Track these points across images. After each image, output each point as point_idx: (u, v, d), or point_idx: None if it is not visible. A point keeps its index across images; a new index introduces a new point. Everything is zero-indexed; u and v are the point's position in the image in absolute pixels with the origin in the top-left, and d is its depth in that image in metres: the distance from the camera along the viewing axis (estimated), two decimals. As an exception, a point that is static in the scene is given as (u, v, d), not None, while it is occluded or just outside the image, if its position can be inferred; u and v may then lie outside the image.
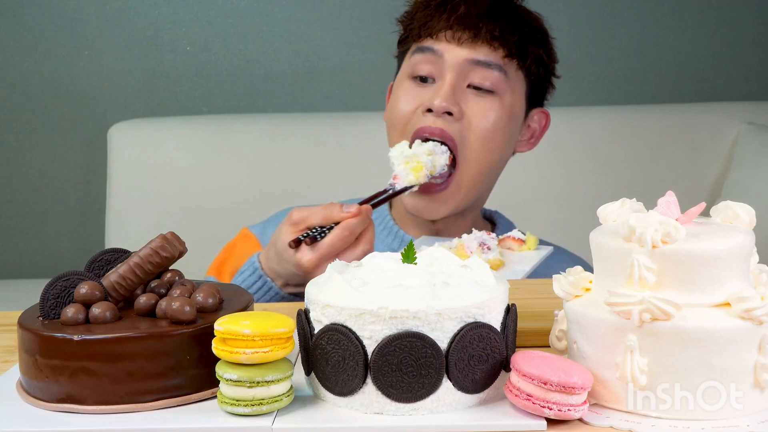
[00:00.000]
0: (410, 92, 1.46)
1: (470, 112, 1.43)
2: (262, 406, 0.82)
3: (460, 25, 1.43)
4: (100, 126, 2.53)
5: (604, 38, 2.60)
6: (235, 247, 1.55)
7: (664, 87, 2.61)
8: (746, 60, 2.62)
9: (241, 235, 1.58)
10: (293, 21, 2.59)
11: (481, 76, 1.43)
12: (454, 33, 1.43)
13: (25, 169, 2.65)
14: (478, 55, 1.43)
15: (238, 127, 2.41)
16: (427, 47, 1.45)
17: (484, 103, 1.44)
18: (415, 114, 1.45)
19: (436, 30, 1.44)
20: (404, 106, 1.46)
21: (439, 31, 1.44)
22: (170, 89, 2.61)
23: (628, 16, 2.60)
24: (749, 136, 2.30)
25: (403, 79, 1.49)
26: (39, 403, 0.87)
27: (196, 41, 2.60)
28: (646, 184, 2.31)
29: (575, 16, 2.59)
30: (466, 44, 1.43)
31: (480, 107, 1.43)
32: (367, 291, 0.84)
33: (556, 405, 0.80)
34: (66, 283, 0.90)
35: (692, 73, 2.62)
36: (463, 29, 1.43)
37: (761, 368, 0.81)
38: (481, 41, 1.43)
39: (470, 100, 1.44)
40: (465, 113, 1.43)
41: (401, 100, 1.47)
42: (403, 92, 1.48)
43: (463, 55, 1.43)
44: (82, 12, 2.58)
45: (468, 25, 1.43)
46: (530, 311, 1.00)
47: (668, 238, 0.82)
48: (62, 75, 2.60)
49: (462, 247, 1.29)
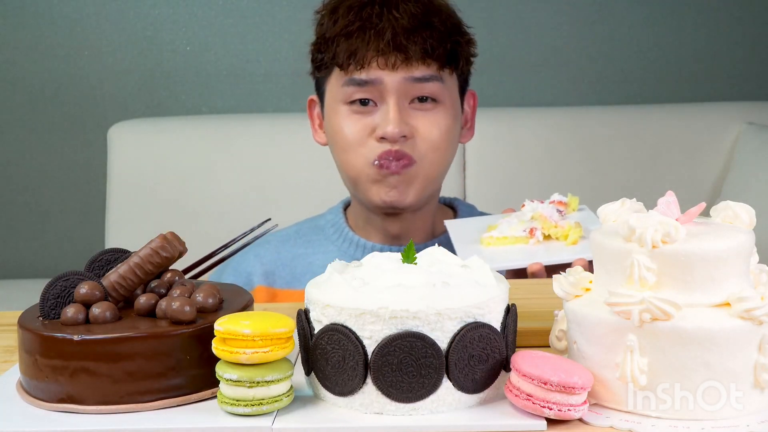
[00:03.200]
0: (352, 118, 1.45)
1: (420, 127, 1.45)
2: (262, 406, 0.82)
3: (389, 49, 1.42)
4: (100, 126, 2.53)
5: (604, 38, 2.60)
6: None
7: (664, 87, 2.61)
8: (746, 60, 2.62)
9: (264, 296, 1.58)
10: (293, 21, 2.59)
11: (421, 90, 1.45)
12: (387, 60, 1.42)
13: (25, 169, 2.65)
14: (414, 73, 1.43)
15: (238, 127, 2.41)
16: (360, 80, 1.43)
17: (430, 116, 1.46)
18: (368, 140, 1.45)
19: (366, 60, 1.42)
20: (351, 134, 1.45)
21: (370, 61, 1.42)
22: (170, 89, 2.61)
23: (627, 16, 2.60)
24: (749, 136, 2.30)
25: (337, 105, 1.47)
26: (39, 403, 0.87)
27: (196, 41, 2.60)
28: (646, 184, 2.31)
29: (575, 16, 2.59)
30: (400, 67, 1.43)
31: (427, 121, 1.45)
32: (367, 291, 0.84)
33: (556, 405, 0.80)
34: (66, 283, 0.90)
35: (692, 73, 2.62)
36: (394, 53, 1.42)
37: (761, 368, 0.81)
38: (414, 60, 1.43)
39: (417, 117, 1.45)
40: (415, 128, 1.44)
41: (345, 128, 1.46)
42: (343, 118, 1.46)
43: (399, 77, 1.43)
44: (82, 12, 2.59)
45: (398, 47, 1.42)
46: (530, 311, 1.00)
47: (668, 238, 0.82)
48: (62, 75, 2.60)
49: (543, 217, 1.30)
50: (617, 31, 2.60)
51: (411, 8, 1.44)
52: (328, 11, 1.49)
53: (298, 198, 2.30)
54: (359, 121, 1.45)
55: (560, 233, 1.30)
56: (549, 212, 1.31)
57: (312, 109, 1.59)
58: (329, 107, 1.50)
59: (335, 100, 1.48)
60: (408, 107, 1.45)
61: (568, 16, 2.59)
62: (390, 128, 1.42)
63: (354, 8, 1.45)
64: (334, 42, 1.46)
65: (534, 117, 2.43)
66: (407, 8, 1.44)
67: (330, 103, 1.50)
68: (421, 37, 1.43)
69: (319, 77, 1.53)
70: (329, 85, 1.50)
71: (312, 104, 1.59)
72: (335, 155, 1.51)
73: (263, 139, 2.37)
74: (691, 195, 2.18)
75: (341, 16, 1.46)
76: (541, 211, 1.31)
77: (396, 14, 1.43)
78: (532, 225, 1.32)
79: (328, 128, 1.51)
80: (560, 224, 1.30)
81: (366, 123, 1.45)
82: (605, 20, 2.60)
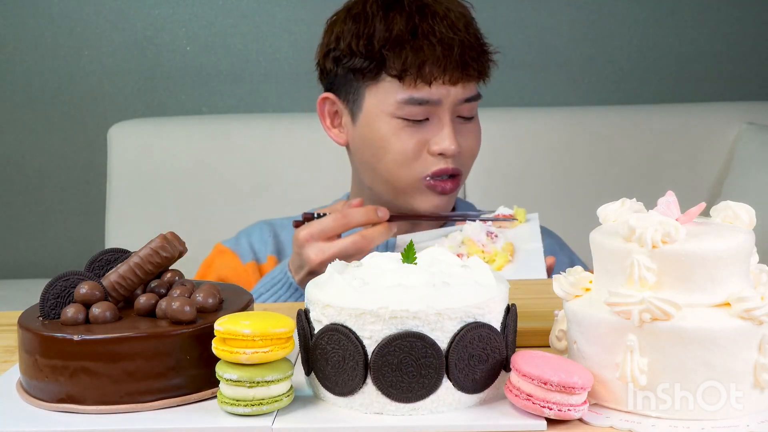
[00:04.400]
0: (405, 132, 1.44)
1: (464, 143, 1.47)
2: (262, 406, 0.82)
3: (453, 66, 1.41)
4: (100, 126, 2.53)
5: (604, 38, 2.60)
6: (212, 263, 1.57)
7: (664, 87, 2.61)
8: (746, 60, 2.62)
9: (215, 251, 1.60)
10: (293, 21, 2.59)
11: (468, 109, 1.47)
12: (451, 76, 1.42)
13: (25, 169, 2.65)
14: (468, 93, 1.45)
15: (238, 127, 2.41)
16: (425, 99, 1.42)
17: (471, 132, 1.48)
18: (420, 155, 1.44)
19: (434, 77, 1.41)
20: (404, 148, 1.44)
21: (436, 78, 1.41)
22: (170, 89, 2.61)
23: (628, 16, 2.60)
24: (749, 136, 2.30)
25: (384, 116, 1.44)
26: (39, 403, 0.87)
27: (196, 41, 2.60)
28: (646, 184, 2.31)
29: (575, 16, 2.59)
30: (459, 84, 1.43)
31: (470, 136, 1.48)
32: (367, 291, 0.84)
33: (556, 405, 0.80)
34: (66, 283, 0.90)
35: (692, 73, 2.62)
36: (458, 71, 1.42)
37: (761, 368, 0.81)
38: (469, 78, 1.44)
39: (460, 132, 1.46)
40: (460, 145, 1.46)
41: (398, 141, 1.44)
42: (394, 131, 1.44)
43: (457, 95, 1.43)
44: (82, 12, 2.58)
45: (462, 66, 1.42)
46: (530, 311, 1.00)
47: (668, 238, 0.82)
48: (62, 75, 2.60)
49: (471, 242, 1.30)
50: (617, 31, 2.60)
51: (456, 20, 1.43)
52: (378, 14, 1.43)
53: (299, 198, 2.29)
54: (413, 136, 1.44)
55: (487, 258, 1.30)
56: (478, 236, 1.31)
57: (323, 107, 1.53)
58: (372, 115, 1.46)
59: (382, 110, 1.45)
60: (455, 121, 1.46)
61: (568, 16, 2.59)
62: (447, 144, 1.43)
63: (410, 16, 1.42)
64: (390, 49, 1.41)
65: (534, 117, 2.42)
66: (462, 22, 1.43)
67: (373, 111, 1.46)
68: (474, 52, 1.43)
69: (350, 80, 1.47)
70: (373, 92, 1.45)
71: (324, 102, 1.53)
72: (375, 164, 1.48)
73: (263, 139, 2.37)
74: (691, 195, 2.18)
75: (396, 22, 1.42)
76: (470, 235, 1.31)
77: (457, 27, 1.42)
78: (460, 250, 1.32)
79: (368, 136, 1.47)
80: (486, 249, 1.30)
81: (420, 138, 1.44)
82: (605, 20, 2.60)
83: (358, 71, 1.45)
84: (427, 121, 1.44)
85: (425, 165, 1.45)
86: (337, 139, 1.55)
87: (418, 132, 1.44)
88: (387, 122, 1.44)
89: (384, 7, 1.44)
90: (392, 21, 1.42)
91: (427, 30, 1.41)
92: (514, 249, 1.30)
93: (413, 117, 1.43)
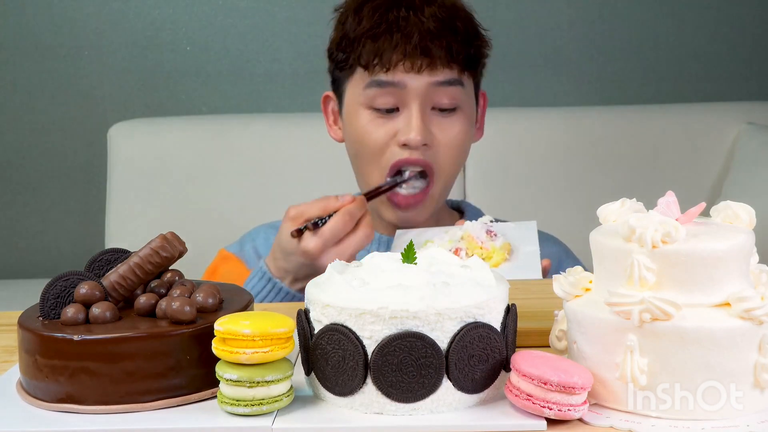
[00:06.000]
0: (374, 123, 1.45)
1: (440, 135, 1.45)
2: (262, 406, 0.82)
3: (416, 52, 1.41)
4: (100, 126, 2.53)
5: (604, 38, 2.61)
6: (217, 270, 1.57)
7: (664, 87, 2.61)
8: (746, 60, 2.62)
9: (219, 257, 1.59)
10: (293, 21, 2.59)
11: (444, 95, 1.44)
12: (413, 63, 1.41)
13: (26, 169, 2.65)
14: (438, 77, 1.43)
15: (238, 127, 2.41)
16: (385, 81, 1.43)
17: (450, 124, 1.46)
18: (388, 146, 1.45)
19: (392, 63, 1.42)
20: (374, 139, 1.45)
21: (396, 64, 1.42)
22: (170, 89, 2.61)
23: (627, 16, 2.60)
24: (749, 136, 2.30)
25: (359, 108, 1.46)
26: (39, 403, 0.87)
27: (196, 41, 2.60)
28: (646, 184, 2.31)
29: (575, 16, 2.60)
30: (425, 71, 1.42)
31: (447, 129, 1.46)
32: (367, 291, 0.84)
33: (556, 405, 0.80)
34: (66, 283, 0.90)
35: (692, 73, 2.62)
36: (420, 57, 1.41)
37: (761, 368, 0.81)
38: (439, 64, 1.43)
39: (437, 124, 1.45)
40: (435, 137, 1.45)
41: (368, 133, 1.45)
42: (365, 123, 1.46)
43: (424, 81, 1.43)
44: (82, 12, 2.59)
45: (424, 51, 1.41)
46: (530, 311, 1.00)
47: (668, 238, 0.82)
48: (62, 75, 2.61)
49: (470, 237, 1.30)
50: (617, 31, 2.60)
51: (436, 12, 1.44)
52: (351, 10, 1.48)
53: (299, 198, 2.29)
54: (381, 127, 1.45)
55: (484, 255, 1.30)
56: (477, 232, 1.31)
57: (327, 105, 1.58)
58: (350, 108, 1.49)
59: (357, 102, 1.47)
60: (430, 113, 1.45)
61: (568, 16, 2.59)
62: (413, 135, 1.42)
63: (380, 9, 1.45)
64: (359, 42, 1.44)
65: (534, 117, 2.43)
66: (433, 11, 1.44)
67: (351, 104, 1.49)
68: (446, 41, 1.43)
69: (339, 76, 1.51)
70: (350, 85, 1.48)
71: (327, 100, 1.58)
72: (355, 159, 1.51)
73: (263, 139, 2.37)
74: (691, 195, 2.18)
75: (366, 17, 1.45)
76: (470, 230, 1.32)
77: (422, 17, 1.43)
78: (459, 245, 1.32)
79: (348, 129, 1.50)
80: (485, 246, 1.30)
81: (388, 129, 1.45)
82: (605, 20, 2.60)
83: (340, 68, 1.49)
84: (397, 111, 1.45)
85: (391, 155, 1.45)
86: (334, 136, 1.58)
87: (387, 123, 1.45)
88: (361, 114, 1.46)
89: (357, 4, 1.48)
90: (363, 14, 1.45)
91: (392, 20, 1.43)
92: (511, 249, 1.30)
93: (382, 106, 1.44)
